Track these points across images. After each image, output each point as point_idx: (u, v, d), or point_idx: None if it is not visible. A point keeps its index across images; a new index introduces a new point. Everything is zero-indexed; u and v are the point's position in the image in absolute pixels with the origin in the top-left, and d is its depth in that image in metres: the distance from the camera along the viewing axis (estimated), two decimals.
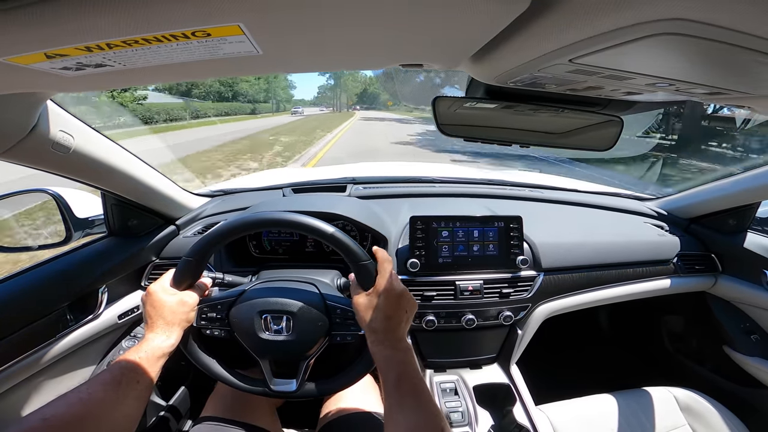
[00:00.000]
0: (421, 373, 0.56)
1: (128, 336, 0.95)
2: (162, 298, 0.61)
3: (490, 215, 0.95)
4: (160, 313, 0.60)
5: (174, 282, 0.64)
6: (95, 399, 0.48)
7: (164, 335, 0.59)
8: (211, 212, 1.09)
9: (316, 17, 0.27)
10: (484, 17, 0.28)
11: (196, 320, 0.65)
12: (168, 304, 0.61)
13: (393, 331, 0.57)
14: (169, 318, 0.60)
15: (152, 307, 0.60)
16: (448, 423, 0.52)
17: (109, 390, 0.50)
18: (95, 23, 0.26)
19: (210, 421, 0.76)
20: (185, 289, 0.65)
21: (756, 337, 1.10)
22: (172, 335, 0.60)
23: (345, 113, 58.12)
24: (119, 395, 0.50)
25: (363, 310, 0.60)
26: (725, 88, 0.36)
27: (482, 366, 1.04)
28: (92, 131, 0.70)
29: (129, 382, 0.52)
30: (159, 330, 0.59)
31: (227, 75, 0.43)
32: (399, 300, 0.59)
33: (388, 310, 0.58)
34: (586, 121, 0.59)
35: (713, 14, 0.22)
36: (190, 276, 0.65)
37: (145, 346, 0.57)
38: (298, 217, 0.63)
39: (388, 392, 0.52)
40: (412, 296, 0.61)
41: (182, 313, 0.62)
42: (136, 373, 0.53)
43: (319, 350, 0.67)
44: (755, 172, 0.99)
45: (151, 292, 0.62)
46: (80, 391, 0.48)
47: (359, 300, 0.61)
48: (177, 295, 0.63)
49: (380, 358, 0.56)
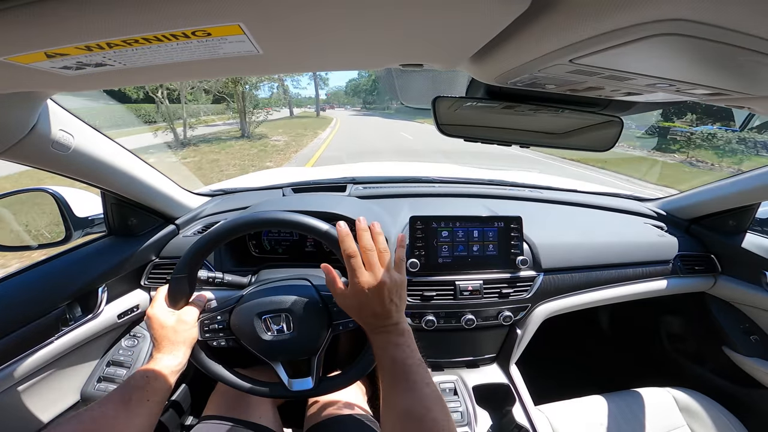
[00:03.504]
0: (419, 355, 0.54)
1: (128, 335, 0.95)
2: (161, 320, 0.61)
3: (490, 215, 0.95)
4: (163, 335, 0.61)
5: (170, 301, 0.64)
6: (106, 417, 0.49)
7: (171, 355, 0.60)
8: (210, 212, 1.09)
9: (316, 17, 0.27)
10: (485, 17, 0.28)
11: (200, 334, 0.65)
12: (168, 324, 0.61)
13: (386, 319, 0.55)
14: (173, 338, 0.61)
15: (154, 330, 0.61)
16: (447, 406, 0.50)
17: (120, 409, 0.51)
18: (95, 22, 0.26)
19: (212, 419, 0.76)
20: (184, 305, 0.65)
21: (755, 338, 1.10)
22: (178, 354, 0.60)
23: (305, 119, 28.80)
24: (130, 414, 0.51)
25: (347, 308, 0.58)
26: (725, 89, 0.36)
27: (482, 366, 1.04)
28: (92, 130, 0.70)
29: (139, 400, 0.53)
30: (165, 350, 0.60)
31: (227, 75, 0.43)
32: (379, 292, 0.54)
33: (371, 305, 0.55)
34: (586, 122, 0.59)
35: (713, 15, 0.22)
36: (184, 292, 0.65)
37: (153, 365, 0.58)
38: (282, 215, 0.63)
39: (383, 376, 0.52)
40: (394, 277, 0.56)
41: (184, 331, 0.62)
42: (145, 392, 0.54)
43: (326, 343, 0.67)
44: (755, 172, 0.99)
45: (150, 315, 0.62)
46: (92, 410, 0.50)
47: (340, 302, 0.58)
48: (175, 314, 0.63)
49: (376, 343, 0.56)
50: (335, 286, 0.58)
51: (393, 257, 0.59)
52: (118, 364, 0.89)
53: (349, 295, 0.57)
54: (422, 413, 0.47)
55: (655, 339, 1.40)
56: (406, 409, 0.48)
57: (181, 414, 1.10)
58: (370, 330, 0.57)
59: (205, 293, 0.70)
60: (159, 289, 0.66)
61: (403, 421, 0.47)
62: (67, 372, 0.84)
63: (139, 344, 0.93)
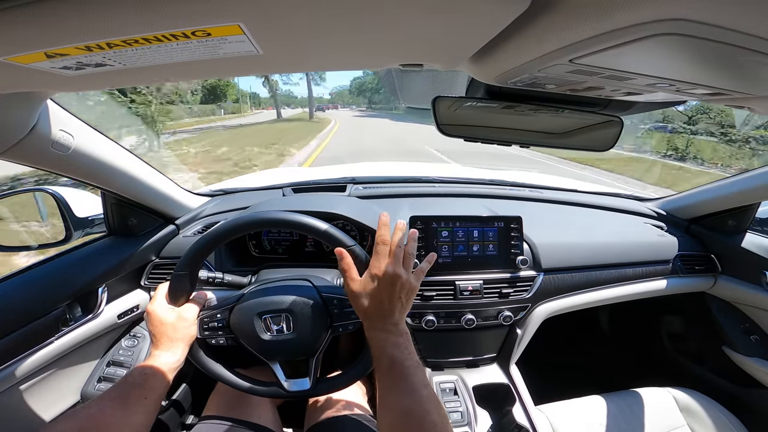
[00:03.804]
0: (417, 357, 0.54)
1: (128, 335, 0.95)
2: (161, 316, 0.62)
3: (490, 215, 0.95)
4: (162, 331, 0.61)
5: (171, 298, 0.64)
6: (104, 415, 0.50)
7: (169, 352, 0.60)
8: (210, 212, 1.09)
9: (316, 17, 0.27)
10: (485, 18, 0.28)
11: (200, 331, 0.65)
12: (168, 321, 0.61)
13: (388, 316, 0.55)
14: (172, 335, 0.61)
15: (153, 326, 0.61)
16: (444, 408, 0.50)
17: (117, 407, 0.51)
18: (95, 23, 0.26)
19: (212, 419, 0.76)
20: (184, 302, 0.65)
21: (755, 338, 1.10)
22: (177, 351, 0.61)
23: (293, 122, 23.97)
24: (127, 411, 0.51)
25: (355, 296, 0.57)
26: (725, 89, 0.36)
27: (482, 366, 1.04)
28: (92, 131, 0.70)
29: (137, 398, 0.53)
30: (163, 347, 0.60)
31: (227, 75, 0.43)
32: (392, 284, 0.55)
33: (381, 295, 0.55)
34: (586, 122, 0.59)
35: (713, 15, 0.22)
36: (185, 289, 0.65)
37: (151, 362, 0.58)
38: (282, 215, 0.63)
39: (380, 376, 0.52)
40: (410, 280, 0.58)
41: (183, 328, 0.62)
42: (143, 390, 0.54)
43: (325, 344, 0.67)
44: (755, 172, 0.99)
45: (150, 311, 0.62)
46: (89, 407, 0.50)
47: (351, 287, 0.58)
48: (175, 311, 0.63)
49: (374, 342, 0.55)
50: (350, 271, 0.58)
51: None
52: (118, 364, 0.90)
53: (362, 281, 0.57)
54: (421, 415, 0.47)
55: (655, 339, 1.40)
56: (405, 410, 0.48)
57: (182, 413, 1.10)
58: (370, 326, 0.57)
59: (205, 292, 0.70)
60: (160, 286, 0.66)
61: (403, 422, 0.47)
62: (67, 372, 0.84)
63: (139, 344, 0.93)
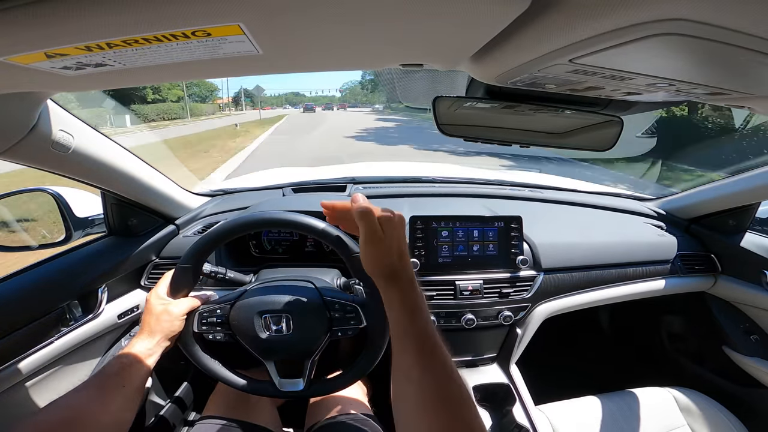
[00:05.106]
0: None
1: (128, 335, 0.95)
2: (151, 305, 0.62)
3: (490, 215, 0.95)
4: (146, 321, 0.61)
5: (171, 290, 0.64)
6: (82, 404, 0.50)
7: (147, 341, 0.60)
8: (210, 212, 1.09)
9: (317, 17, 0.27)
10: (485, 17, 0.28)
11: (197, 326, 0.65)
12: (154, 312, 0.61)
13: (404, 270, 0.49)
14: (153, 326, 0.61)
15: (144, 313, 0.62)
16: None
17: (95, 395, 0.51)
18: (95, 23, 0.26)
19: (212, 419, 0.76)
20: (183, 296, 0.65)
21: (755, 338, 1.10)
22: (152, 343, 0.60)
23: None
24: (105, 400, 0.51)
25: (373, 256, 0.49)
26: (725, 89, 0.36)
27: (482, 366, 1.04)
28: (92, 131, 0.70)
29: (115, 386, 0.53)
30: (143, 336, 0.60)
31: (227, 75, 0.43)
32: (400, 240, 0.50)
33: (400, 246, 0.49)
34: (586, 121, 0.59)
35: (713, 14, 0.22)
36: (186, 283, 0.65)
37: (128, 350, 0.58)
38: (282, 215, 0.64)
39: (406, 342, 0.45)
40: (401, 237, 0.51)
41: (165, 321, 0.61)
42: (120, 378, 0.54)
43: (322, 347, 0.67)
44: (755, 172, 0.99)
45: (147, 299, 0.63)
46: (68, 397, 0.50)
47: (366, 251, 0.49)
48: (165, 304, 0.63)
49: (396, 302, 0.48)
50: None
51: None
52: None
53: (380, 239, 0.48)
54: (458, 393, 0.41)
55: (655, 339, 1.40)
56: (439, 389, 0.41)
57: (184, 410, 1.10)
58: (384, 285, 0.49)
59: (208, 292, 0.70)
60: (165, 274, 0.66)
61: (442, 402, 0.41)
62: (67, 372, 0.84)
63: None
